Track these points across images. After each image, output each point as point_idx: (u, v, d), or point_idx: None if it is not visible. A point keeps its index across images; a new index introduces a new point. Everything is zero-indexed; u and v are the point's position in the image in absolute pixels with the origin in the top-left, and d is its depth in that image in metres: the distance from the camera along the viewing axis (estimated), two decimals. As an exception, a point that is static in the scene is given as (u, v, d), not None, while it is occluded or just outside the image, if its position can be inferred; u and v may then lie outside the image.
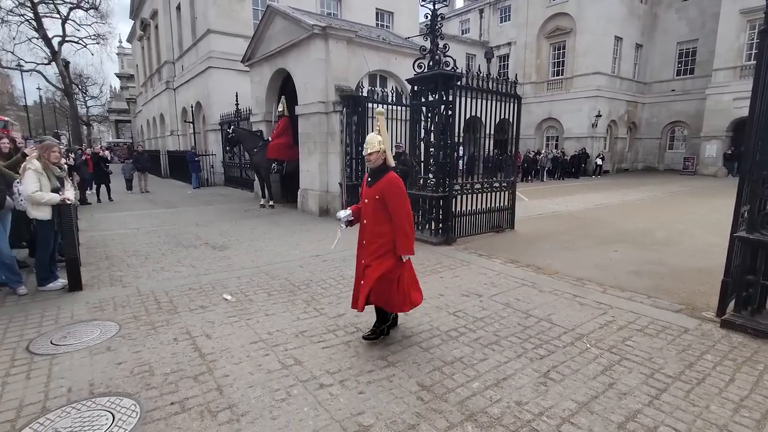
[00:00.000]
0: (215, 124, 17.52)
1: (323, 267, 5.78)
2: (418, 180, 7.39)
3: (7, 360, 3.20)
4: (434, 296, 4.64)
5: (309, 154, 10.12)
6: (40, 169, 4.55)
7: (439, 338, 3.63)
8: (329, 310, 4.24)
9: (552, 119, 28.10)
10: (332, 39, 9.13)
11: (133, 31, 33.46)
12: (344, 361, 3.22)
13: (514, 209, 8.33)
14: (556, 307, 4.35)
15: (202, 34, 17.61)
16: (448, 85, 6.72)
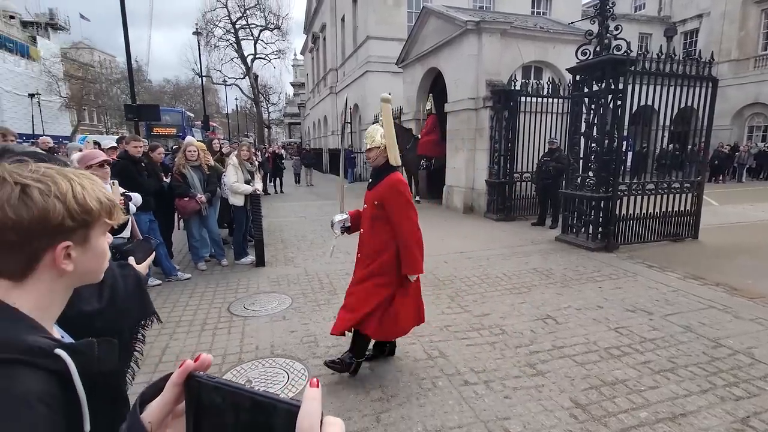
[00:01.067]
0: (369, 123, 18.90)
1: (467, 264, 5.76)
2: (575, 178, 6.74)
3: (215, 317, 4.05)
4: (591, 307, 4.20)
5: (456, 150, 10.14)
6: (237, 164, 5.60)
7: (596, 354, 3.28)
8: (473, 308, 4.20)
9: (760, 105, 22.39)
10: (485, 33, 8.94)
11: (305, 45, 38.27)
12: (489, 362, 3.16)
13: (699, 215, 6.94)
14: (761, 339, 3.50)
15: (361, 41, 19.13)
16: (618, 71, 5.94)
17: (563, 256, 6.09)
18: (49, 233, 0.63)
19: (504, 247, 6.68)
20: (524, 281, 5.02)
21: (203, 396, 0.43)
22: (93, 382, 0.61)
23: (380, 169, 2.83)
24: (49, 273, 0.66)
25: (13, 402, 0.54)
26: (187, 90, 48.24)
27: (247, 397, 0.41)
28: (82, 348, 0.64)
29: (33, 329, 0.63)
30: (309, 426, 0.36)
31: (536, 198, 8.83)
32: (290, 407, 0.39)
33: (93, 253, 0.71)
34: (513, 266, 5.64)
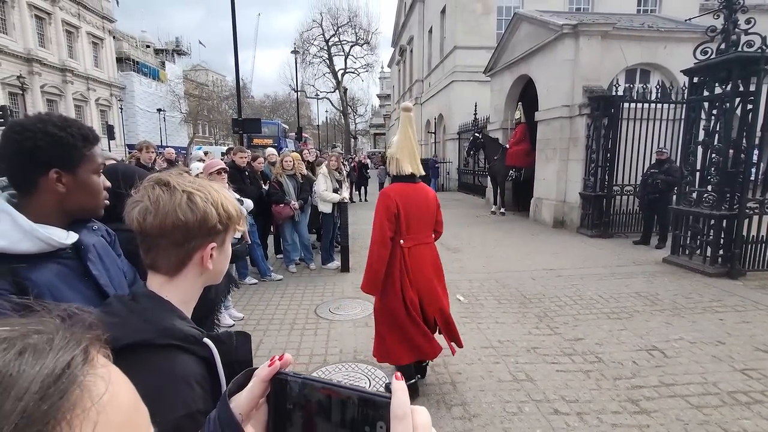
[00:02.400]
0: (454, 134, 18.72)
1: (557, 282, 5.37)
2: (690, 193, 5.96)
3: (303, 318, 4.27)
4: (709, 342, 3.65)
5: (546, 161, 9.59)
6: (327, 173, 5.89)
7: (717, 398, 2.83)
8: (564, 331, 3.90)
9: None
10: (583, 36, 8.37)
11: (392, 58, 39.27)
12: (583, 392, 2.90)
13: None
14: None
15: (448, 51, 19.10)
16: (749, 71, 5.16)
17: (673, 281, 5.40)
18: (203, 234, 0.73)
19: (600, 267, 6.12)
20: (624, 306, 4.54)
21: (292, 392, 0.44)
22: (230, 370, 0.69)
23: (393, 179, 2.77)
24: (195, 270, 0.76)
25: (177, 380, 0.64)
26: (284, 104, 52.21)
27: (339, 391, 0.42)
28: (224, 338, 0.74)
29: (184, 320, 0.73)
30: (403, 414, 0.38)
31: (640, 214, 7.98)
32: (383, 399, 0.40)
33: (225, 254, 0.80)
34: (611, 288, 5.13)
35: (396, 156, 2.68)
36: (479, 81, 15.93)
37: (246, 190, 5.09)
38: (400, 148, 2.67)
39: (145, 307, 0.70)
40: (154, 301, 0.72)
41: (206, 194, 0.73)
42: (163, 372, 0.64)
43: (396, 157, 2.68)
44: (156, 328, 0.67)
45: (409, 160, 2.68)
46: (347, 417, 0.42)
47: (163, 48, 45.12)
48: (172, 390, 0.62)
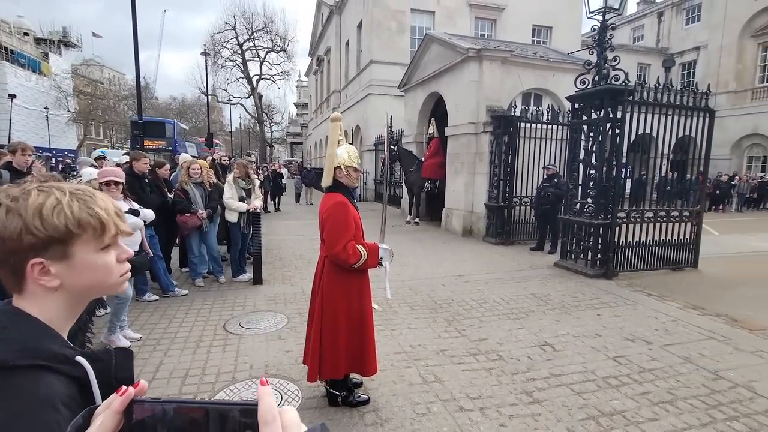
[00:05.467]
0: (370, 145, 19.11)
1: (465, 288, 5.73)
2: (574, 204, 6.78)
3: (211, 334, 4.01)
4: (589, 335, 4.16)
5: (456, 173, 10.22)
6: (231, 181, 5.68)
7: (594, 384, 3.23)
8: (470, 333, 4.17)
9: (758, 136, 22.68)
10: (486, 60, 9.14)
11: (310, 67, 39.07)
12: (485, 388, 3.12)
13: (699, 244, 6.94)
14: (762, 373, 3.45)
15: (365, 64, 19.54)
16: (617, 101, 6.06)
17: (562, 282, 6.07)
18: (16, 250, 0.65)
19: (503, 272, 6.66)
20: (522, 306, 4.99)
21: (148, 419, 0.43)
22: (109, 388, 0.64)
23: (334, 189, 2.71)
24: (39, 287, 0.68)
25: (40, 404, 0.59)
26: (192, 107, 48.99)
27: (201, 408, 0.42)
28: (101, 356, 0.69)
29: (54, 338, 0.67)
30: (272, 417, 0.39)
31: (535, 223, 8.85)
32: (248, 407, 0.41)
33: (84, 267, 0.71)
34: (511, 291, 5.61)
35: (345, 164, 2.65)
36: (394, 95, 16.51)
37: (146, 199, 4.68)
38: (328, 156, 2.66)
39: (3, 325, 0.63)
40: (17, 318, 0.65)
41: (17, 204, 0.65)
42: (24, 396, 0.58)
43: (346, 164, 2.65)
44: (15, 348, 0.60)
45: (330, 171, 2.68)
46: (227, 430, 0.42)
47: (46, 38, 39.73)
48: (35, 415, 0.57)
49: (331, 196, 2.66)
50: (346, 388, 2.85)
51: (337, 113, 2.78)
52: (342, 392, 2.82)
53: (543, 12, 20.48)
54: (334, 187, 2.69)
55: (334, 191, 2.68)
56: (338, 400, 2.80)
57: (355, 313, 2.69)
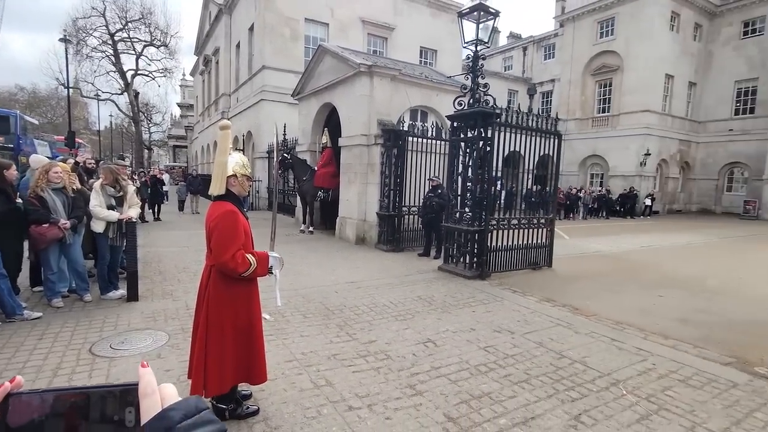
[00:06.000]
0: (263, 152, 18.55)
1: (357, 293, 5.94)
2: (454, 213, 7.49)
3: (73, 359, 3.54)
4: (465, 330, 4.65)
5: (349, 183, 10.50)
6: (98, 187, 5.09)
7: (467, 372, 3.64)
8: (361, 336, 4.36)
9: (597, 156, 27.45)
10: (377, 76, 9.63)
11: (196, 66, 36.45)
12: (373, 386, 3.31)
13: (552, 247, 8.20)
14: (592, 350, 4.24)
15: (257, 69, 18.96)
16: (487, 122, 6.90)
17: (444, 284, 6.65)
18: None
19: (392, 277, 7.04)
20: (409, 308, 5.36)
21: (33, 406, 0.45)
22: None
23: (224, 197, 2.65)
24: None
25: None
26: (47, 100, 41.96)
27: (80, 394, 0.46)
28: None
29: None
30: (152, 390, 0.44)
31: (422, 230, 9.51)
32: (129, 386, 0.46)
33: None
34: (399, 294, 5.98)
35: (241, 173, 2.64)
36: (288, 103, 16.32)
37: (-16, 206, 3.96)
38: (218, 165, 2.59)
39: None
40: None
41: None
42: None
43: (241, 173, 2.64)
44: None
45: (220, 179, 2.62)
46: (107, 412, 0.47)
47: None
48: None
49: (220, 205, 2.61)
50: (234, 401, 2.79)
51: (226, 121, 2.73)
52: (229, 405, 2.75)
53: (429, 36, 22.20)
54: (224, 196, 2.64)
55: (223, 200, 2.64)
56: (225, 414, 2.72)
57: (243, 323, 2.66)
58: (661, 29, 24.74)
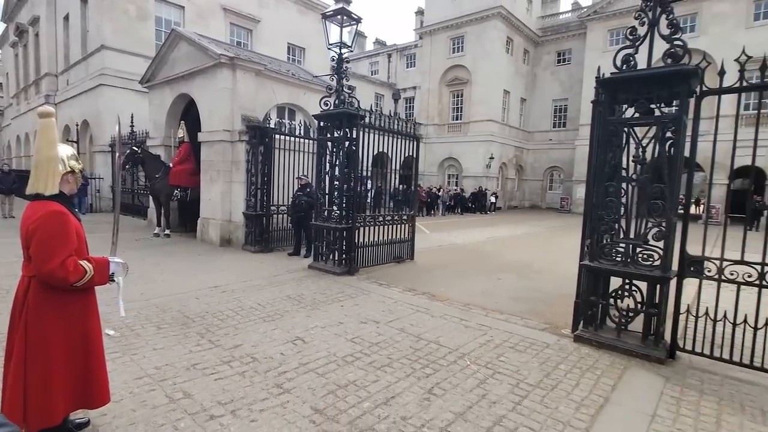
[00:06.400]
0: (105, 145, 16.04)
1: (221, 298, 5.61)
2: (323, 212, 7.60)
3: None
4: (334, 324, 4.79)
5: (211, 182, 9.79)
6: None
7: (335, 364, 3.77)
8: (225, 342, 4.15)
9: (452, 159, 30.62)
10: (240, 69, 9.17)
11: (5, 36, 29.53)
12: (237, 392, 3.20)
13: (414, 241, 8.92)
14: (445, 330, 4.78)
15: (94, 49, 16.29)
16: (352, 123, 7.16)
17: (314, 282, 6.71)
18: None
19: (261, 278, 6.82)
20: (278, 308, 5.27)
21: None
22: None
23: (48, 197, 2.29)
24: None
25: None
26: None
27: None
28: None
29: None
30: None
31: (292, 230, 9.40)
32: None
33: None
34: (268, 295, 5.84)
35: (78, 168, 2.40)
36: (137, 90, 14.43)
37: None
38: (45, 159, 2.25)
39: None
40: None
41: None
42: None
43: (79, 168, 2.41)
44: None
45: (52, 176, 2.27)
46: None
47: None
48: None
49: (43, 205, 2.22)
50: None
51: (48, 107, 2.32)
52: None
53: (297, 33, 21.91)
54: (52, 195, 2.27)
55: (47, 199, 2.25)
56: (54, 450, 2.34)
57: (77, 339, 2.32)
58: (500, 51, 28.77)
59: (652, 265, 4.03)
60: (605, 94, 4.27)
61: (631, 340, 4.23)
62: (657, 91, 3.89)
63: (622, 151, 4.21)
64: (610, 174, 4.25)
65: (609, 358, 4.11)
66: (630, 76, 4.01)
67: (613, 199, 4.23)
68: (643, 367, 3.91)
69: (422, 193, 22.84)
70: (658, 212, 3.99)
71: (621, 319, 4.27)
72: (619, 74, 4.10)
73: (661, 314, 4.03)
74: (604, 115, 4.27)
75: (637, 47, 4.07)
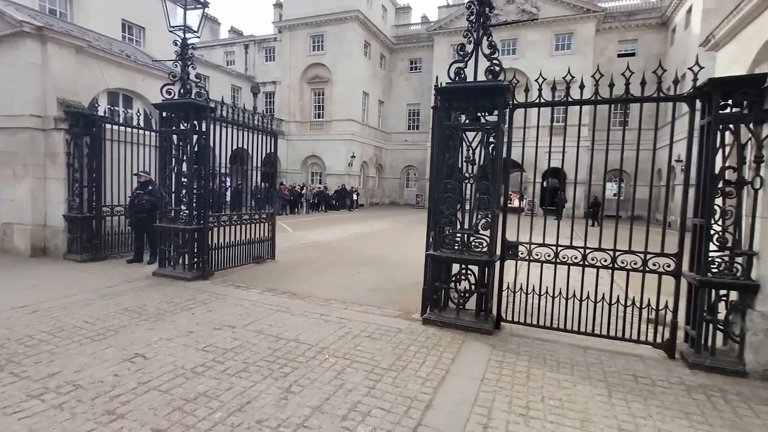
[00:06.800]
0: None
1: (31, 320, 4.62)
2: (169, 212, 6.84)
3: None
4: (182, 335, 4.38)
5: (16, 178, 7.94)
6: None
7: (183, 377, 3.45)
8: (35, 372, 3.43)
9: (315, 156, 30.64)
10: (53, 43, 7.62)
11: None
12: (53, 428, 2.69)
13: (275, 240, 8.68)
14: (305, 327, 4.78)
15: None
16: (201, 115, 6.61)
17: (159, 290, 6.01)
18: None
19: (90, 291, 5.83)
20: (111, 324, 4.58)
21: None
22: None
23: None
24: None
25: None
26: None
27: None
28: None
29: None
30: None
31: (132, 233, 8.24)
32: None
33: None
34: (99, 311, 5.02)
35: None
36: None
37: None
38: None
39: None
40: None
41: None
42: None
43: None
44: None
45: None
46: None
47: None
48: None
49: None
50: None
51: None
52: None
53: (135, 10, 19.11)
54: None
55: None
56: None
57: None
58: (359, 53, 29.83)
59: (482, 251, 4.70)
60: (442, 101, 4.80)
61: (467, 318, 4.86)
62: (481, 101, 4.54)
63: (457, 152, 4.80)
64: (447, 172, 4.80)
65: (450, 335, 4.65)
66: (461, 87, 4.59)
67: (450, 195, 4.79)
68: (476, 339, 4.54)
69: (285, 191, 22.35)
70: (485, 206, 4.67)
71: (459, 300, 4.88)
72: (452, 84, 4.65)
73: (489, 293, 4.74)
74: (441, 119, 4.79)
75: (466, 62, 4.67)
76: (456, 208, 4.85)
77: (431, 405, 3.19)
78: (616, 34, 28.30)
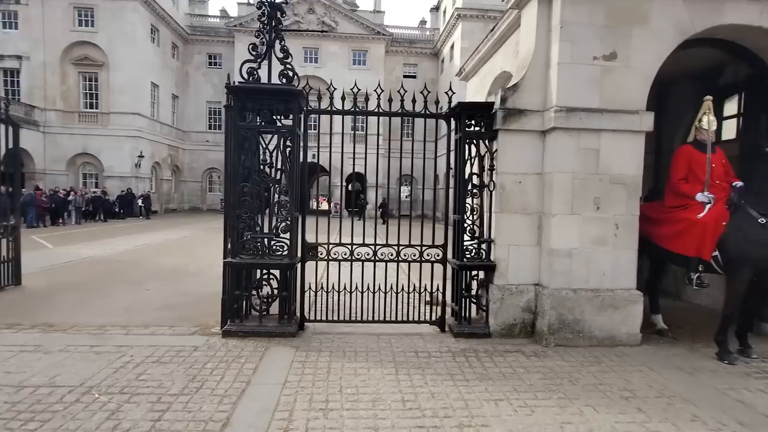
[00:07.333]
0: None
1: None
2: None
3: None
4: None
5: None
6: None
7: None
8: None
9: (89, 155, 25.23)
10: None
11: None
12: None
13: (20, 260, 6.74)
14: (65, 365, 3.85)
15: None
16: None
17: None
18: None
19: None
20: None
21: None
22: None
23: None
24: None
25: None
26: None
27: None
28: None
29: None
30: None
31: None
32: None
33: None
34: None
35: None
36: None
37: None
38: None
39: None
40: None
41: None
42: None
43: None
44: None
45: None
46: None
47: None
48: None
49: None
50: None
51: None
52: None
53: None
54: None
55: None
56: None
57: None
58: (144, 39, 25.96)
59: (282, 254, 4.68)
60: (236, 100, 4.58)
61: (271, 323, 4.77)
62: (276, 104, 4.53)
63: (254, 154, 4.65)
64: (244, 175, 4.61)
65: (253, 344, 4.48)
66: (254, 88, 4.48)
67: (248, 199, 4.61)
68: (281, 344, 4.50)
69: (41, 197, 17.69)
70: (284, 209, 4.67)
71: (262, 306, 4.75)
72: (245, 84, 4.49)
73: (291, 295, 4.76)
74: (235, 120, 4.57)
75: (259, 63, 4.58)
76: (256, 213, 4.71)
77: (229, 422, 3.00)
78: (401, 57, 32.53)
